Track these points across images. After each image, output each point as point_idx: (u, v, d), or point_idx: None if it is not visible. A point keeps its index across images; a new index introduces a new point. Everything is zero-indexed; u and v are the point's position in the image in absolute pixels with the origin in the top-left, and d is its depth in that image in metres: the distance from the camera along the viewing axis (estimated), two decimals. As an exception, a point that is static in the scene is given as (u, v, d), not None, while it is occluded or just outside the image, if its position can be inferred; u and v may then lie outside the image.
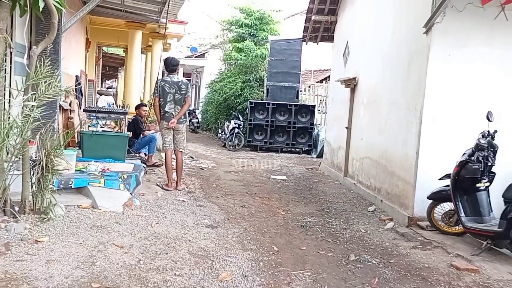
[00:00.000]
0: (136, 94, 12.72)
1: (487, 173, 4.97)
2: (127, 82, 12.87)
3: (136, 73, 12.55)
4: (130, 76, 12.49)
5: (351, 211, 7.00)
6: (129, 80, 12.55)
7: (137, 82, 12.86)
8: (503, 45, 5.71)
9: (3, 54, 4.28)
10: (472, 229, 4.89)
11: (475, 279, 4.23)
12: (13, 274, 3.55)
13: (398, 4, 7.03)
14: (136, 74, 12.56)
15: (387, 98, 7.11)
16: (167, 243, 4.58)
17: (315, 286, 4.04)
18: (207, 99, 20.29)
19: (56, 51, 6.67)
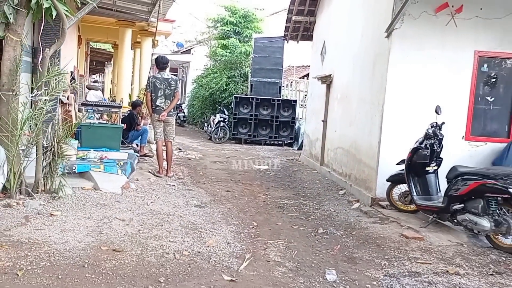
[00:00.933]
0: (126, 89, 13.36)
1: (435, 158, 5.82)
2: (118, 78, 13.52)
3: (126, 70, 13.20)
4: (121, 73, 13.14)
5: (324, 194, 7.83)
6: (120, 76, 13.20)
7: (127, 78, 13.51)
8: (452, 48, 6.56)
9: (20, 55, 4.99)
10: (422, 206, 5.75)
11: (420, 245, 5.09)
12: (35, 239, 4.30)
13: (366, 10, 7.84)
14: (126, 70, 13.22)
15: (357, 94, 7.93)
16: (162, 218, 5.35)
17: (287, 251, 4.84)
18: (193, 94, 20.94)
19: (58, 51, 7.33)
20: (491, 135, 6.73)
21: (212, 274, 4.00)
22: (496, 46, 6.62)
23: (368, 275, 4.26)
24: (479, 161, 6.60)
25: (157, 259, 4.18)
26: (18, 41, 4.93)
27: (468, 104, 6.65)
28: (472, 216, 5.01)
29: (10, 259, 3.86)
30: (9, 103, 4.89)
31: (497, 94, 6.75)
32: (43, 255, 3.99)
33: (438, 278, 4.19)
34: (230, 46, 17.10)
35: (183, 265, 4.11)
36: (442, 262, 4.60)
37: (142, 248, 4.38)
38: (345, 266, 4.50)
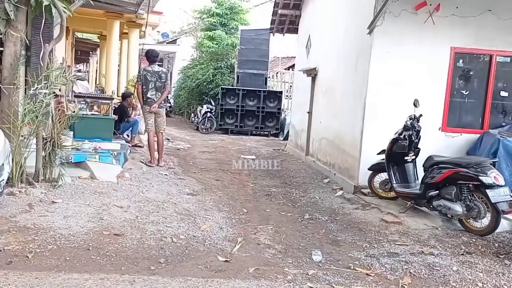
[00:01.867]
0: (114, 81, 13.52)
1: (413, 148, 6.22)
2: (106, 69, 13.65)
3: (114, 61, 13.36)
4: (109, 64, 13.28)
5: (309, 183, 8.20)
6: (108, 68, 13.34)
7: (115, 69, 13.66)
8: (430, 44, 6.94)
9: (20, 50, 5.21)
10: (401, 193, 6.16)
11: (398, 228, 5.50)
12: (40, 225, 4.59)
13: (349, 7, 8.18)
14: (114, 62, 13.37)
15: (341, 88, 8.29)
16: (157, 205, 5.67)
17: (276, 235, 5.20)
18: (179, 84, 21.11)
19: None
20: (465, 126, 7.16)
21: (208, 256, 4.34)
22: (470, 43, 7.02)
23: (351, 256, 4.64)
24: (455, 151, 7.02)
25: (156, 242, 4.51)
26: (19, 37, 5.15)
27: (445, 97, 7.06)
28: (446, 202, 5.43)
29: (19, 243, 4.15)
30: (10, 96, 5.13)
31: (471, 88, 7.18)
32: (50, 239, 4.28)
33: (414, 257, 4.59)
34: (217, 38, 17.31)
35: (180, 248, 4.44)
36: (418, 243, 5.01)
37: (141, 233, 4.70)
38: (329, 248, 4.88)
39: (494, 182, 5.05)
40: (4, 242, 4.13)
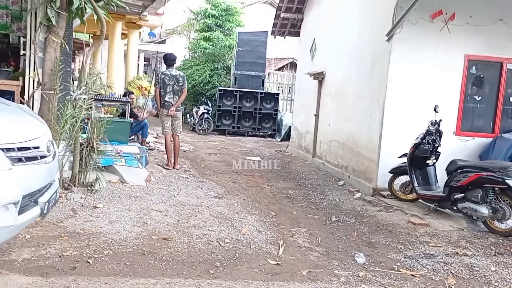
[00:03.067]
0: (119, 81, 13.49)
1: (435, 152, 6.47)
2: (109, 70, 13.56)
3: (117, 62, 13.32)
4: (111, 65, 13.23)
5: (324, 185, 8.40)
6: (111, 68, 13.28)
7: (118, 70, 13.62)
8: (445, 51, 7.21)
9: (59, 56, 5.24)
10: (423, 195, 6.40)
11: (427, 230, 5.72)
12: (89, 230, 4.65)
13: (362, 14, 8.39)
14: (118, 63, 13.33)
15: (353, 91, 8.51)
16: (193, 209, 5.76)
17: (311, 238, 5.36)
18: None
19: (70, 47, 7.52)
20: (478, 130, 7.47)
21: (258, 259, 4.47)
22: (483, 50, 7.32)
23: (390, 258, 4.84)
24: (468, 154, 7.32)
25: (205, 246, 4.61)
26: (59, 43, 5.18)
27: (459, 102, 7.34)
28: (472, 204, 5.68)
29: (74, 248, 4.21)
30: (50, 102, 5.15)
31: (483, 93, 7.48)
32: (103, 245, 4.35)
33: (450, 259, 4.81)
34: (214, 39, 17.36)
35: (229, 252, 4.56)
36: (450, 245, 5.24)
37: (188, 237, 4.80)
38: (367, 250, 5.06)
39: (520, 185, 5.32)
40: (60, 248, 4.18)
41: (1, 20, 8.06)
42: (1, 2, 7.96)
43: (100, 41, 5.44)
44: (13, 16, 8.14)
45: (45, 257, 3.99)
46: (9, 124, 3.65)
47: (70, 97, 5.29)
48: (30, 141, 3.54)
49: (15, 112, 4.05)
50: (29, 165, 3.45)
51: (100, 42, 5.46)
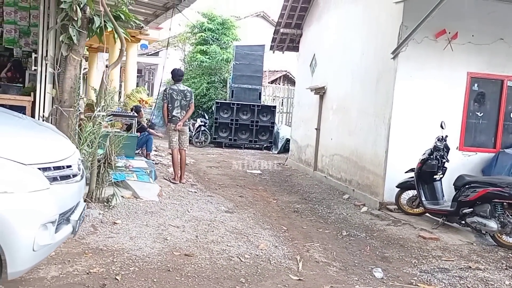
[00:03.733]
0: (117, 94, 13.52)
1: (442, 167, 6.64)
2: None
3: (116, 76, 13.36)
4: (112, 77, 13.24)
5: (329, 199, 8.51)
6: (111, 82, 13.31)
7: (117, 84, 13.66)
8: (448, 69, 7.42)
9: (79, 74, 5.31)
10: (431, 210, 6.55)
11: (437, 244, 5.86)
12: (112, 247, 4.69)
13: (366, 32, 8.58)
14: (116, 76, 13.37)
15: (357, 107, 8.67)
16: (208, 224, 5.83)
17: (326, 252, 5.46)
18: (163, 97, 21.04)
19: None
20: (480, 146, 7.67)
21: (280, 275, 4.55)
22: (484, 68, 7.55)
23: (406, 272, 4.95)
24: (470, 169, 7.51)
25: (226, 262, 4.68)
26: (79, 60, 5.25)
27: (462, 118, 7.55)
28: (481, 219, 5.83)
29: (101, 265, 4.25)
30: (70, 118, 5.21)
31: (485, 110, 7.70)
32: (127, 261, 4.40)
33: (465, 273, 4.94)
34: (211, 53, 17.49)
35: (251, 267, 4.63)
36: (462, 259, 5.38)
37: (208, 253, 4.86)
38: (383, 264, 5.17)
39: (528, 200, 5.50)
40: (86, 265, 4.22)
41: (9, 35, 8.09)
42: (9, 17, 7.99)
43: (120, 59, 5.53)
44: (21, 31, 8.18)
45: (73, 274, 4.03)
46: (44, 144, 3.71)
47: (78, 111, 5.33)
48: (63, 160, 3.60)
49: (46, 131, 4.11)
50: (63, 184, 3.51)
51: (119, 60, 5.54)
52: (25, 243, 3.11)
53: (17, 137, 3.58)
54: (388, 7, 7.48)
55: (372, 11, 8.32)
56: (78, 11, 5.02)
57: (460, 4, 6.83)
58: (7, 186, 3.04)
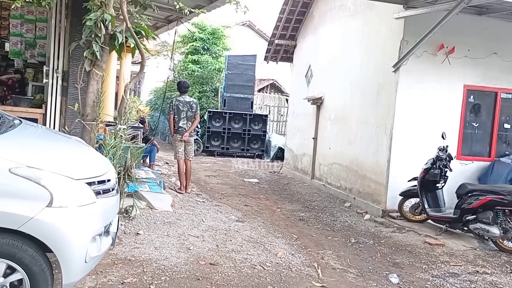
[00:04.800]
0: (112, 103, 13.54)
1: (444, 176, 6.95)
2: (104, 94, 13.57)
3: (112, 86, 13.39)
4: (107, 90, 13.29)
5: (331, 207, 8.76)
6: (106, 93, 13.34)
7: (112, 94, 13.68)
8: (446, 82, 7.77)
9: (101, 88, 5.44)
10: (434, 217, 6.85)
11: (443, 250, 6.15)
12: (139, 257, 4.82)
13: (365, 46, 8.89)
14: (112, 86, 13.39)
15: (357, 117, 8.97)
16: (224, 233, 6.00)
17: (340, 259, 5.68)
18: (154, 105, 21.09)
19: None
20: (476, 155, 8.03)
21: (303, 282, 4.75)
22: (480, 81, 7.93)
23: (419, 277, 5.21)
24: (467, 177, 7.85)
25: (251, 270, 4.86)
26: (102, 75, 5.39)
27: (459, 128, 7.90)
28: (483, 225, 6.15)
29: (133, 275, 4.39)
30: (92, 132, 5.33)
31: (480, 120, 8.07)
32: (157, 271, 4.54)
33: (474, 277, 5.23)
34: (203, 62, 17.66)
35: (275, 275, 4.82)
36: (469, 264, 5.68)
37: (232, 262, 5.03)
38: (395, 270, 5.42)
39: (529, 208, 5.83)
40: (119, 275, 4.35)
41: (15, 47, 8.14)
42: (16, 30, 8.05)
43: (140, 73, 5.68)
44: (27, 43, 8.23)
45: (108, 284, 4.16)
46: (87, 159, 3.86)
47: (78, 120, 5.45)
48: (104, 174, 3.74)
49: (84, 147, 4.25)
50: (105, 198, 3.65)
51: (140, 74, 5.69)
52: (79, 255, 3.25)
53: (66, 154, 3.72)
54: (389, 22, 7.80)
55: (372, 26, 8.64)
56: (102, 28, 5.16)
57: (457, 21, 7.17)
58: (62, 201, 3.18)
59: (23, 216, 3.03)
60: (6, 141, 3.44)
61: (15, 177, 3.07)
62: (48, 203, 3.10)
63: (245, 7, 5.94)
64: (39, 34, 8.23)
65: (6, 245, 3.07)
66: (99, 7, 5.34)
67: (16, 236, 3.09)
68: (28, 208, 3.06)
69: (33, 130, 4.14)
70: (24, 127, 4.00)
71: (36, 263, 3.14)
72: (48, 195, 3.11)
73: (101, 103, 5.52)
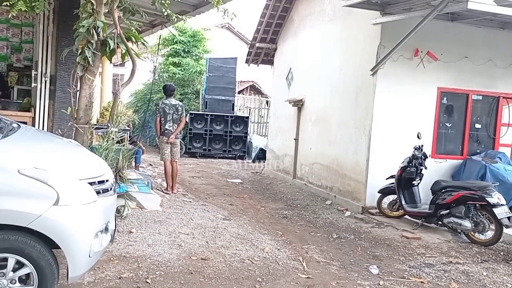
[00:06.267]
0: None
1: (419, 174, 7.35)
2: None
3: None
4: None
5: (313, 205, 9.09)
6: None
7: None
8: (421, 84, 8.18)
9: (93, 93, 5.64)
10: (411, 212, 7.24)
11: (419, 243, 6.53)
12: (133, 254, 5.05)
13: (344, 50, 9.26)
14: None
15: (337, 119, 9.33)
16: (213, 231, 6.26)
17: (323, 253, 6.00)
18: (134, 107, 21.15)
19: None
20: (449, 153, 8.47)
21: (290, 274, 5.05)
22: (452, 84, 8.37)
23: (398, 268, 5.56)
24: (441, 175, 8.27)
25: (240, 264, 5.14)
26: (94, 80, 5.59)
27: (433, 128, 8.32)
28: (456, 219, 6.55)
29: (129, 270, 4.62)
30: (85, 134, 5.52)
31: (453, 121, 8.51)
32: (152, 266, 4.78)
33: (447, 267, 5.61)
34: (184, 65, 17.84)
35: (263, 268, 5.11)
36: (443, 255, 6.06)
37: (221, 256, 5.30)
38: (375, 262, 5.75)
39: (498, 202, 6.26)
40: (115, 270, 4.58)
41: (1, 52, 8.25)
42: (1, 34, 8.16)
43: (131, 79, 5.90)
44: (13, 48, 8.35)
45: (106, 279, 4.38)
46: (87, 160, 4.08)
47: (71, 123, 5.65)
48: (103, 175, 3.97)
49: (82, 149, 4.46)
50: (105, 197, 3.88)
51: (131, 80, 5.90)
52: (84, 250, 3.47)
53: (68, 155, 3.94)
54: (367, 27, 8.18)
55: (351, 31, 9.01)
56: (94, 35, 5.37)
57: (431, 26, 7.58)
58: (67, 199, 3.40)
59: (32, 214, 3.24)
60: (11, 144, 3.65)
61: (23, 178, 3.28)
62: (54, 202, 3.32)
63: (232, 13, 6.20)
64: (24, 39, 8.35)
65: (15, 241, 3.28)
66: (90, 14, 5.54)
67: (24, 233, 3.30)
68: (36, 207, 3.27)
69: (33, 133, 4.34)
70: (24, 131, 4.20)
71: (43, 258, 3.35)
72: (55, 194, 3.32)
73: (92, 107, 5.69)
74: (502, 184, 7.21)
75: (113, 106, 5.85)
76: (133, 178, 7.47)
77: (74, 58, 7.26)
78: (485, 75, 8.46)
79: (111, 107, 5.80)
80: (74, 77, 5.47)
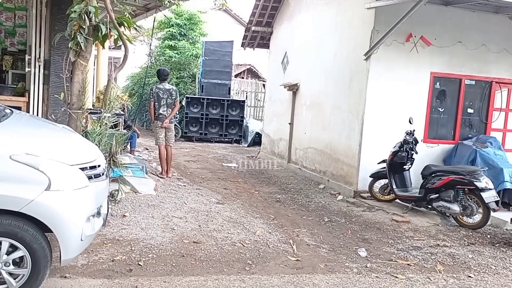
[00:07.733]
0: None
1: (411, 158, 7.44)
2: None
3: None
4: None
5: (306, 189, 9.19)
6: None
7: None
8: (414, 69, 8.23)
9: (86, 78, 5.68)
10: (402, 196, 7.35)
11: (409, 226, 6.65)
12: (127, 237, 5.16)
13: (339, 35, 9.26)
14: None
15: (330, 103, 9.38)
16: (206, 214, 6.37)
17: (314, 237, 6.11)
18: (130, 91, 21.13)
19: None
20: (441, 138, 8.55)
21: (280, 256, 5.16)
22: (445, 68, 8.40)
23: (386, 251, 5.68)
24: (433, 159, 8.37)
25: (231, 247, 5.25)
26: (86, 66, 5.63)
27: (426, 113, 8.39)
28: (445, 203, 6.67)
29: (122, 253, 4.73)
30: (78, 120, 5.58)
31: (445, 106, 8.57)
32: (145, 249, 4.89)
33: (435, 250, 5.73)
34: (180, 48, 17.80)
35: (254, 251, 5.22)
36: (431, 238, 6.19)
37: (213, 240, 5.41)
38: (364, 245, 5.87)
39: (486, 186, 6.36)
40: (109, 253, 4.69)
41: (-5, 36, 8.26)
42: (-6, 18, 8.16)
43: (123, 64, 5.92)
44: (7, 32, 8.34)
45: (100, 262, 4.49)
46: (79, 146, 4.15)
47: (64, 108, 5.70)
48: (95, 160, 4.04)
49: (75, 134, 4.52)
50: (97, 182, 3.96)
51: (123, 65, 5.93)
52: (76, 234, 3.56)
53: (59, 141, 4.01)
54: (361, 12, 8.18)
55: (345, 15, 9.01)
56: (86, 20, 5.39)
57: (425, 11, 7.59)
58: (59, 184, 3.48)
59: (24, 199, 3.32)
60: (3, 130, 3.71)
61: (15, 164, 3.35)
62: (46, 187, 3.39)
63: (223, 0, 6.20)
64: (18, 23, 8.34)
65: (8, 225, 3.37)
66: (82, -1, 5.55)
67: (17, 218, 3.38)
68: (28, 192, 3.34)
69: (26, 119, 4.40)
70: (16, 116, 4.26)
71: (36, 241, 3.44)
72: (47, 180, 3.40)
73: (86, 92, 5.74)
74: (491, 169, 7.32)
75: (106, 91, 5.90)
76: (127, 163, 7.56)
77: (67, 43, 7.27)
78: (478, 60, 8.50)
79: (104, 92, 5.85)
80: (67, 62, 5.49)
